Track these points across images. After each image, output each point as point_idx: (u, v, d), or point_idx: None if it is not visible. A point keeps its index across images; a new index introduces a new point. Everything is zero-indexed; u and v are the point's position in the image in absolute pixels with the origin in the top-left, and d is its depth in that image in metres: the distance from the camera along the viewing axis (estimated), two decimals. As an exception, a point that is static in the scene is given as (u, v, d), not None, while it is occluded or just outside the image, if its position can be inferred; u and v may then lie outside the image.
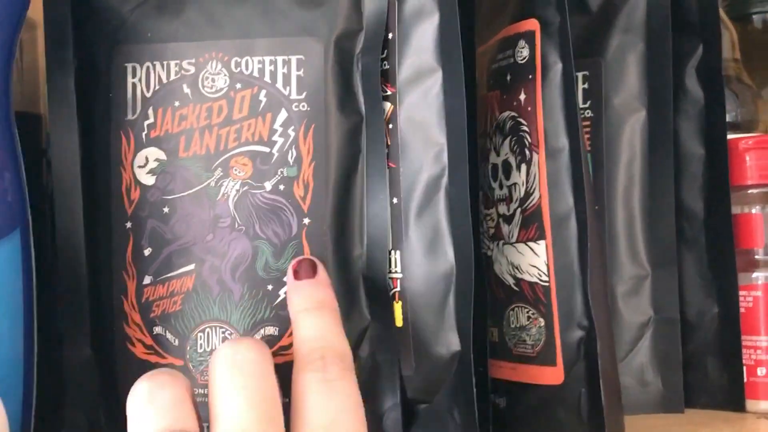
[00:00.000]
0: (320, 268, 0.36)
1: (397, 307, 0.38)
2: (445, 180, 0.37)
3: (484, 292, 0.41)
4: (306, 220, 0.38)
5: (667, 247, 0.47)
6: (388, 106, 0.38)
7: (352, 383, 0.32)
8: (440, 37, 0.37)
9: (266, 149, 0.38)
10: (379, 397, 0.37)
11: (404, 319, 0.38)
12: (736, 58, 0.56)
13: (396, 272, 0.38)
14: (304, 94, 0.38)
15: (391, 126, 0.38)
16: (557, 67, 0.39)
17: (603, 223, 0.46)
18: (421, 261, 0.37)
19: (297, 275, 0.36)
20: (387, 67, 0.38)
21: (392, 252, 0.38)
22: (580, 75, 0.47)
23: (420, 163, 0.38)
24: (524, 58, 0.40)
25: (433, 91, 0.37)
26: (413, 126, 0.38)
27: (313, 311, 0.34)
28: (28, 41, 0.45)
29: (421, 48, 0.38)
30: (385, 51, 0.38)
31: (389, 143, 0.38)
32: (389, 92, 0.38)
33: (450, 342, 0.37)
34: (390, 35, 0.38)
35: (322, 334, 0.33)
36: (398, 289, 0.38)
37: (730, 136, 0.47)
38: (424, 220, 0.38)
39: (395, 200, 0.38)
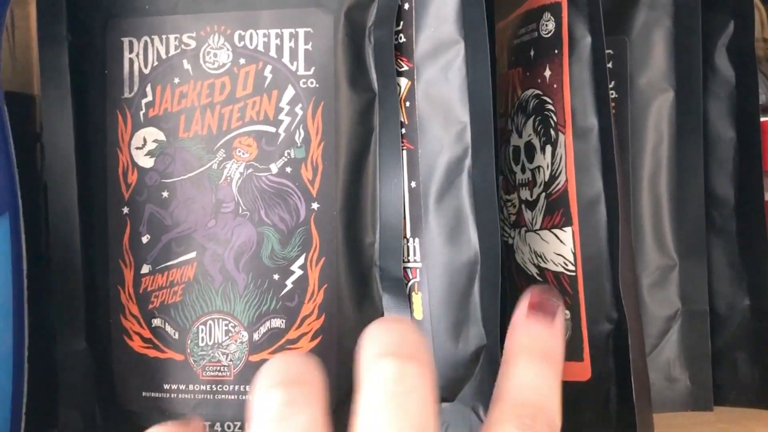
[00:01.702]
0: (560, 313, 0.30)
1: (417, 299, 0.35)
2: (468, 162, 0.34)
3: (504, 283, 0.38)
4: (315, 205, 0.34)
5: (696, 235, 0.44)
6: (404, 82, 0.35)
7: None
8: (462, 6, 0.34)
9: (272, 129, 0.35)
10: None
11: (424, 311, 0.35)
12: (765, 37, 0.53)
13: (415, 261, 0.35)
14: (313, 69, 0.35)
15: (408, 104, 0.35)
16: (586, 41, 0.36)
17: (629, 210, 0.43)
18: (442, 249, 0.34)
19: (534, 311, 0.30)
20: (403, 40, 0.35)
21: (410, 240, 0.35)
22: (604, 54, 0.44)
23: (440, 143, 0.35)
24: (549, 32, 0.37)
25: (455, 65, 0.34)
26: (433, 103, 0.35)
27: (542, 361, 0.29)
28: (20, 17, 0.42)
29: (441, 18, 0.34)
30: (401, 23, 0.35)
31: (406, 122, 0.35)
32: (406, 67, 0.35)
33: (475, 336, 0.34)
34: (406, 5, 0.35)
35: (542, 392, 0.28)
36: (417, 279, 0.35)
37: (762, 119, 0.44)
38: (446, 205, 0.34)
39: (413, 184, 0.35)
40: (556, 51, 0.37)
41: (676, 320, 0.44)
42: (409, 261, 0.35)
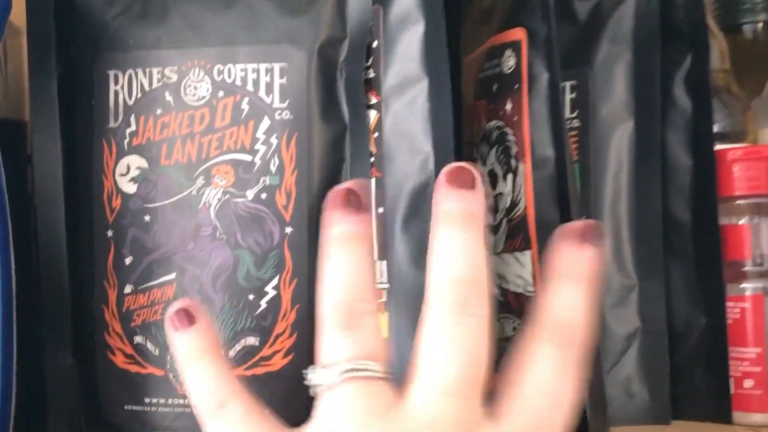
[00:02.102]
0: (600, 240, 0.33)
1: (383, 318, 0.37)
2: (431, 189, 0.36)
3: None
4: (288, 229, 0.36)
5: (655, 257, 0.45)
6: (373, 114, 0.37)
7: (579, 372, 0.31)
8: (426, 46, 0.36)
9: (248, 157, 0.37)
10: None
11: (390, 330, 0.37)
12: (725, 68, 0.55)
13: (383, 283, 0.37)
14: (287, 102, 0.37)
15: (376, 135, 0.37)
16: (544, 77, 0.38)
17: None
18: (407, 271, 0.36)
19: (576, 238, 0.33)
20: (372, 75, 0.37)
21: (379, 262, 0.37)
22: (567, 85, 0.46)
23: (406, 172, 0.36)
24: (511, 68, 0.39)
25: (419, 100, 0.36)
26: (399, 135, 0.37)
27: (579, 284, 0.32)
28: (13, 48, 0.44)
29: (406, 56, 0.36)
30: (370, 59, 0.37)
31: (374, 152, 0.37)
32: (374, 100, 0.37)
33: None
34: (375, 43, 0.37)
35: (578, 313, 0.32)
36: (384, 299, 0.37)
37: (718, 147, 0.46)
38: (411, 230, 0.36)
39: (381, 210, 0.37)
40: (516, 86, 0.39)
41: (635, 338, 0.45)
42: (377, 282, 0.37)
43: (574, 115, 0.46)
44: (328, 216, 0.32)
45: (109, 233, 0.37)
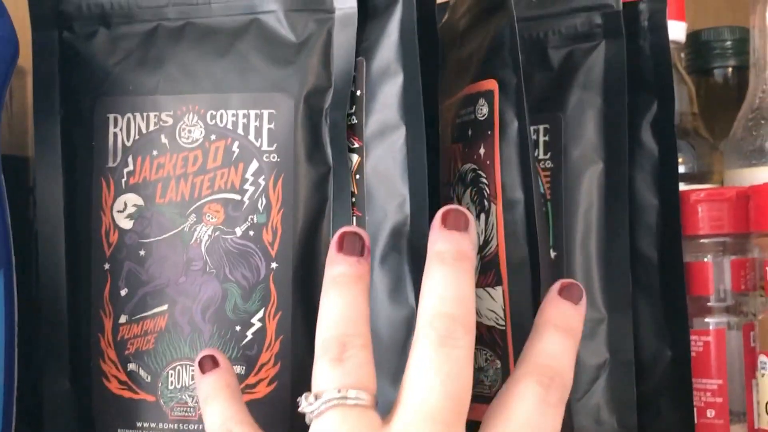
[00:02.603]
0: (584, 298, 0.36)
1: None
2: (407, 228, 0.38)
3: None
4: (273, 265, 0.39)
5: (623, 292, 0.47)
6: (355, 158, 0.39)
7: (560, 419, 0.33)
8: (404, 96, 0.38)
9: (238, 197, 0.39)
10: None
11: None
12: (694, 111, 0.57)
13: None
14: (275, 145, 0.39)
15: (358, 177, 0.39)
16: (514, 125, 0.40)
17: (561, 269, 0.47)
18: (383, 305, 0.38)
19: (564, 292, 0.36)
20: (355, 121, 0.39)
21: None
22: (541, 128, 0.48)
23: (385, 212, 0.38)
24: (484, 115, 0.42)
25: (397, 146, 0.38)
26: (378, 177, 0.39)
27: (564, 334, 0.34)
28: (18, 87, 0.47)
29: (386, 105, 0.39)
30: (354, 107, 0.39)
31: (356, 193, 0.39)
32: (357, 145, 0.39)
33: None
34: (358, 92, 0.39)
35: (561, 358, 0.34)
36: None
37: (685, 188, 0.48)
38: (388, 266, 0.38)
39: None
40: (489, 132, 0.41)
41: (604, 369, 0.47)
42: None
43: (547, 156, 0.48)
44: (327, 258, 0.34)
45: (106, 266, 0.40)
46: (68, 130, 0.41)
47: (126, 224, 0.40)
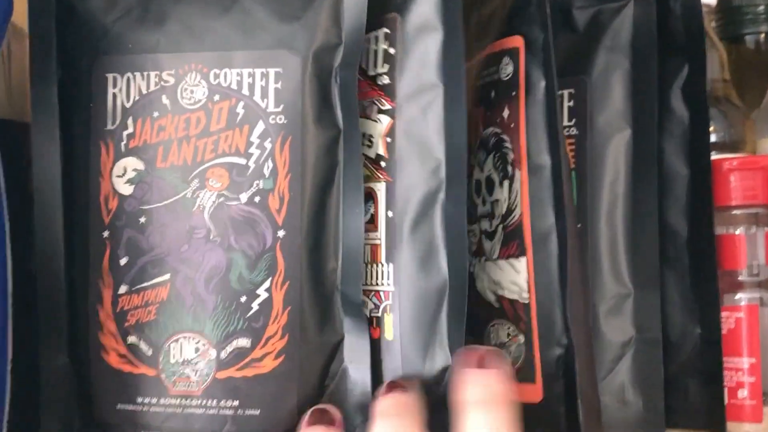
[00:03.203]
0: (504, 360, 0.33)
1: (388, 320, 0.36)
2: (441, 195, 0.36)
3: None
4: (280, 233, 0.36)
5: (650, 266, 0.44)
6: (386, 120, 0.37)
7: None
8: (444, 54, 0.35)
9: (242, 161, 0.36)
10: (351, 411, 0.35)
11: (395, 332, 0.36)
12: (725, 78, 0.54)
13: (389, 285, 0.36)
14: (282, 106, 0.36)
15: (389, 140, 0.36)
16: (541, 85, 0.37)
17: (585, 241, 0.44)
18: (414, 275, 0.36)
19: (480, 364, 0.32)
20: (387, 81, 0.37)
21: (385, 264, 0.36)
22: (565, 93, 0.45)
23: (417, 177, 0.36)
24: (508, 75, 0.39)
25: (434, 107, 0.36)
26: (411, 141, 0.36)
27: (494, 406, 0.31)
28: (18, 51, 0.44)
29: (423, 63, 0.36)
30: (386, 66, 0.37)
31: (387, 156, 0.36)
32: (389, 106, 0.36)
33: (441, 356, 0.35)
34: (392, 50, 0.36)
35: None
36: (390, 302, 0.36)
37: (717, 156, 0.45)
38: (419, 234, 0.36)
39: (390, 213, 0.36)
40: (513, 93, 0.38)
41: (630, 347, 0.44)
42: (383, 284, 0.36)
43: (571, 123, 0.45)
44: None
45: (105, 234, 0.37)
46: (66, 92, 0.38)
47: (126, 190, 0.37)
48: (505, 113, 0.39)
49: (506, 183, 0.39)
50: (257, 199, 0.36)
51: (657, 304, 0.44)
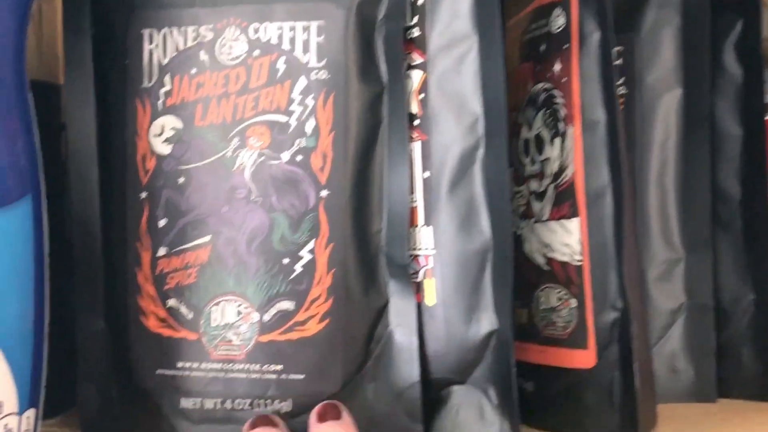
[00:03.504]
0: (345, 412, 0.32)
1: (430, 285, 0.35)
2: (481, 152, 0.34)
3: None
4: (324, 192, 0.34)
5: (702, 230, 0.43)
6: (418, 75, 0.35)
7: None
8: (476, 2, 0.34)
9: (284, 118, 0.35)
10: (398, 376, 0.34)
11: (437, 297, 0.34)
12: (776, 38, 0.52)
13: (429, 248, 0.35)
14: (324, 61, 0.35)
15: (422, 96, 0.35)
16: (595, 36, 0.35)
17: (634, 205, 0.42)
18: (455, 237, 0.34)
19: (323, 416, 0.31)
20: (417, 34, 0.35)
21: (424, 227, 0.35)
22: (613, 51, 0.43)
23: (453, 135, 0.34)
24: (560, 27, 0.37)
25: (468, 59, 0.34)
26: (446, 96, 0.34)
27: None
28: (49, 11, 0.43)
29: (455, 13, 0.34)
30: (415, 17, 0.35)
31: (420, 114, 0.35)
32: (420, 60, 0.35)
33: (486, 321, 0.34)
34: (421, 0, 0.35)
35: None
36: (430, 266, 0.35)
37: (769, 117, 0.43)
38: (458, 194, 0.34)
39: (427, 174, 0.35)
40: (565, 46, 0.36)
41: (680, 313, 0.43)
42: (422, 248, 0.35)
43: (620, 82, 0.43)
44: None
45: (143, 195, 0.36)
46: (100, 50, 0.37)
47: (164, 149, 0.36)
48: (557, 67, 0.37)
49: (557, 141, 0.37)
50: (299, 157, 0.34)
51: (709, 269, 0.43)
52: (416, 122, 0.35)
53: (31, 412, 0.31)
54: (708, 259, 0.43)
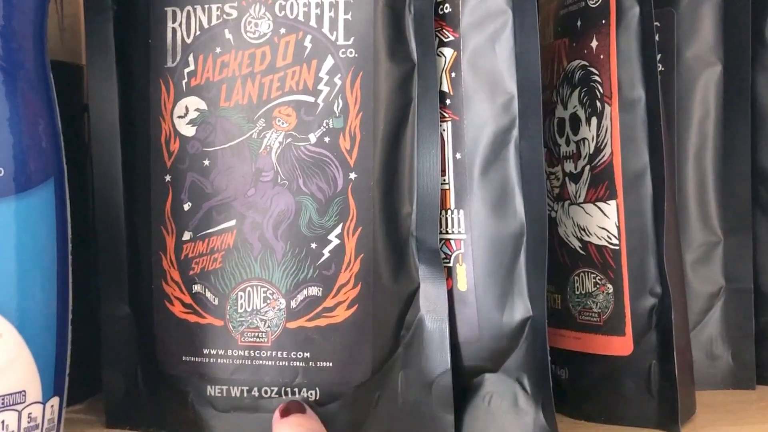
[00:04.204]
0: (309, 409, 0.32)
1: (461, 270, 0.33)
2: (515, 133, 0.33)
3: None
4: (352, 175, 0.33)
5: (742, 212, 0.41)
6: (450, 52, 0.33)
7: None
8: None
9: (311, 99, 0.33)
10: (429, 363, 0.33)
11: (468, 283, 0.33)
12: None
13: (460, 233, 0.33)
14: (352, 39, 0.33)
15: (453, 75, 0.33)
16: (634, 11, 0.34)
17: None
18: (487, 220, 0.33)
19: (286, 411, 0.32)
20: (449, 10, 0.33)
21: (455, 211, 0.33)
22: (650, 26, 0.41)
23: (486, 114, 0.33)
24: (597, 2, 0.35)
25: (503, 36, 0.32)
26: (479, 74, 0.33)
27: None
28: (70, -10, 0.42)
29: None
30: None
31: (451, 93, 0.33)
32: (451, 38, 0.33)
33: (520, 307, 0.33)
34: None
35: None
36: (462, 250, 0.33)
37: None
38: (492, 176, 0.33)
39: (459, 155, 0.33)
40: (603, 21, 0.35)
41: (719, 297, 0.41)
42: (453, 232, 0.34)
43: (657, 58, 0.41)
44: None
45: (167, 178, 0.35)
46: (122, 28, 0.35)
47: (188, 131, 0.34)
48: (594, 44, 0.35)
49: (594, 120, 0.35)
50: (327, 139, 0.33)
51: (749, 252, 0.42)
52: (447, 102, 0.33)
53: (55, 401, 0.30)
54: (747, 242, 0.41)
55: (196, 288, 0.34)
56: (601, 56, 0.35)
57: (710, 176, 0.41)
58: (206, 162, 0.34)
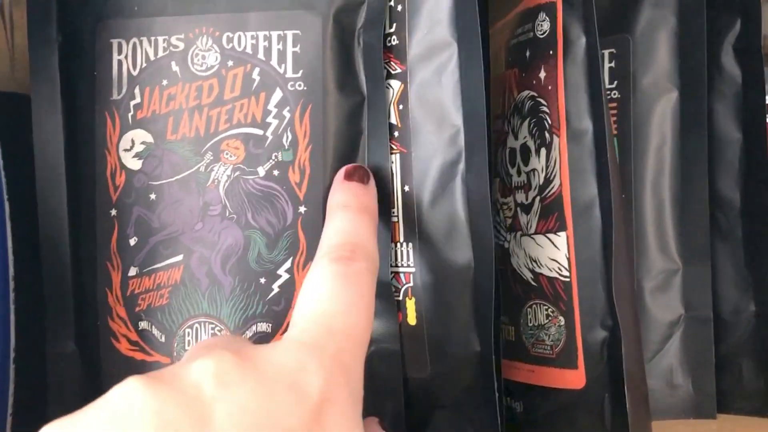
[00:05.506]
0: (372, 179, 0.33)
1: (410, 304, 0.34)
2: (462, 166, 0.33)
3: (499, 288, 0.37)
4: (302, 209, 0.34)
5: (700, 239, 0.42)
6: (397, 85, 0.34)
7: (372, 285, 0.29)
8: (456, 8, 0.33)
9: (260, 132, 0.34)
10: (380, 400, 0.33)
11: (418, 317, 0.34)
12: (777, 36, 0.51)
13: (408, 266, 0.34)
14: (301, 72, 0.34)
15: (401, 107, 0.34)
16: (580, 42, 0.35)
17: (630, 214, 0.42)
18: (435, 254, 0.34)
19: (349, 177, 0.33)
20: (396, 42, 0.34)
21: (404, 244, 0.34)
22: (606, 53, 0.43)
23: (433, 147, 0.34)
24: (545, 32, 0.36)
25: (448, 68, 0.33)
26: (426, 107, 0.34)
27: (356, 210, 0.31)
28: (20, 19, 0.42)
29: (434, 20, 0.34)
30: (394, 25, 0.34)
31: (399, 126, 0.34)
32: (399, 70, 0.34)
33: (469, 341, 0.33)
34: (399, 7, 0.34)
35: (358, 232, 0.30)
36: (411, 284, 0.34)
37: (770, 120, 0.43)
38: (439, 209, 0.34)
39: (407, 188, 0.34)
40: (551, 52, 0.36)
41: (679, 326, 0.42)
42: (402, 265, 0.34)
43: (613, 85, 0.43)
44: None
45: (113, 212, 0.35)
46: (67, 59, 0.36)
47: (134, 164, 0.35)
48: (542, 74, 0.36)
49: (543, 151, 0.36)
50: (276, 172, 0.34)
51: (708, 279, 0.42)
52: (396, 134, 0.34)
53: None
54: (707, 270, 0.42)
55: (143, 325, 0.35)
56: (549, 87, 0.36)
57: (668, 203, 0.42)
58: (153, 196, 0.35)
